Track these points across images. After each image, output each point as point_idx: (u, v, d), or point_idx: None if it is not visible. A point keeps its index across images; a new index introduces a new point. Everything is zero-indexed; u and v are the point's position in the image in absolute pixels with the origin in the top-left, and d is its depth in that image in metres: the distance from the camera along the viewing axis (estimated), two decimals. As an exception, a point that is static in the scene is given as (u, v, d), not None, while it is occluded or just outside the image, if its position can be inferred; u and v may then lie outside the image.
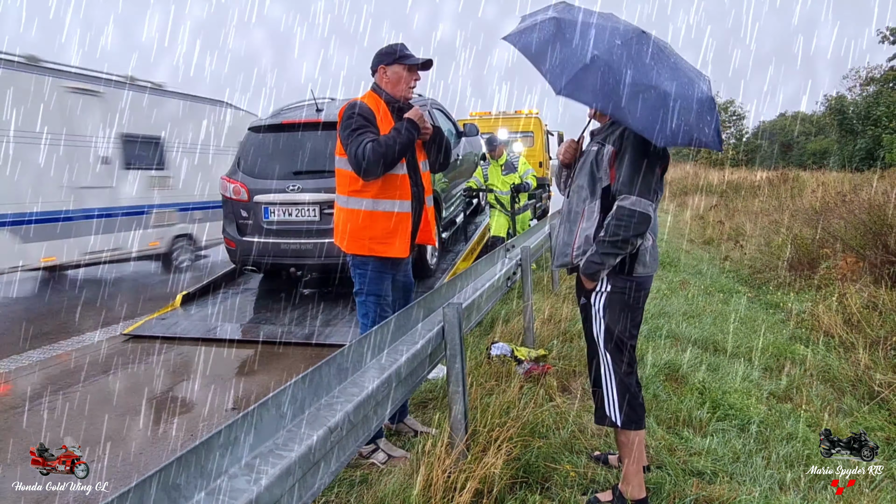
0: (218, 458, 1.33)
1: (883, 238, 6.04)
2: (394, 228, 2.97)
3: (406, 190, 2.98)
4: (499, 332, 4.63)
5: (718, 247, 10.13)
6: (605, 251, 2.31)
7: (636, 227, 2.25)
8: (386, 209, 2.95)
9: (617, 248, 2.29)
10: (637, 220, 2.25)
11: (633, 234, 2.26)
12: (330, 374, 1.86)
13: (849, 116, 28.94)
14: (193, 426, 3.54)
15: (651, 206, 2.27)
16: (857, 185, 10.43)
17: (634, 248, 2.33)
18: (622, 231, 2.26)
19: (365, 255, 2.98)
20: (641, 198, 2.25)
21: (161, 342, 5.00)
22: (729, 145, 40.27)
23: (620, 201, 2.28)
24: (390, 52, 2.99)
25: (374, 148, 2.78)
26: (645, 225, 2.26)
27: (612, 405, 2.47)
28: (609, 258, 2.32)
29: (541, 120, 12.69)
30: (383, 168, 2.84)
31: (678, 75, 2.23)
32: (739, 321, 5.37)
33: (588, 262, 2.37)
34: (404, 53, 2.99)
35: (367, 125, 2.87)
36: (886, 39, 29.81)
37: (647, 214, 2.25)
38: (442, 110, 7.16)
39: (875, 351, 4.29)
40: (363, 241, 2.97)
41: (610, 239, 2.29)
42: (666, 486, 2.61)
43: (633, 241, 2.29)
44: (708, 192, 19.10)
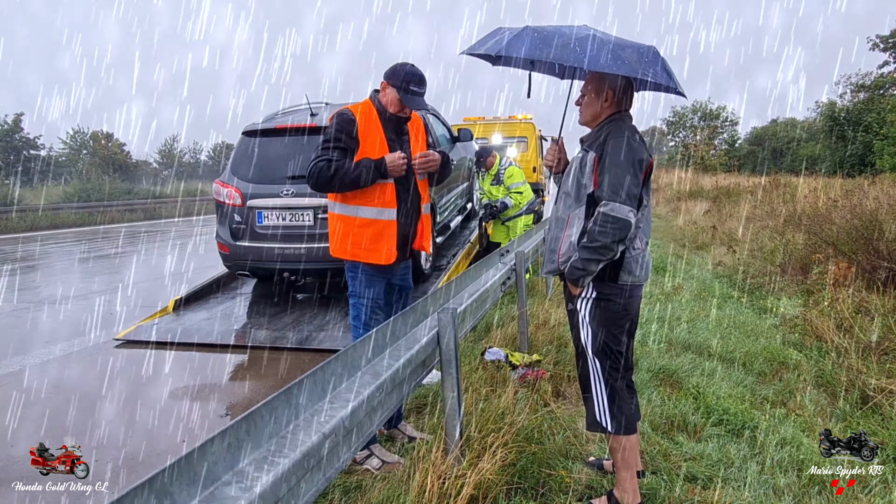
0: (211, 465, 1.31)
1: (874, 243, 6.07)
2: (376, 235, 2.96)
3: (390, 197, 2.97)
4: (493, 337, 4.62)
5: (711, 252, 10.17)
6: (587, 257, 2.32)
7: (616, 234, 2.26)
8: (367, 216, 2.96)
9: (598, 253, 2.30)
10: (617, 226, 2.25)
11: (612, 241, 2.27)
12: (324, 380, 1.85)
13: (840, 123, 29.17)
14: (186, 432, 3.51)
15: (631, 213, 2.27)
16: (848, 190, 10.51)
17: (616, 254, 2.33)
18: (602, 237, 2.27)
19: (351, 259, 3.01)
20: (622, 204, 2.26)
21: (153, 347, 4.96)
22: (721, 150, 40.51)
23: (601, 207, 2.29)
24: (396, 75, 2.94)
25: (322, 171, 2.82)
26: (625, 231, 2.26)
27: (603, 411, 2.48)
28: (591, 264, 2.33)
29: (534, 125, 12.73)
30: (331, 190, 2.89)
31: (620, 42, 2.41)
32: (733, 326, 5.39)
33: (571, 268, 2.38)
34: (407, 88, 2.93)
35: (338, 139, 2.87)
36: (877, 47, 30.13)
37: (626, 220, 2.25)
38: (436, 115, 7.17)
39: (867, 356, 4.31)
40: (346, 246, 2.99)
41: (591, 245, 2.30)
42: (660, 492, 2.61)
43: (614, 248, 2.30)
44: (700, 198, 19.20)
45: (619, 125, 2.42)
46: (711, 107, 42.03)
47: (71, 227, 17.20)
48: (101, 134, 42.28)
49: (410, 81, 2.91)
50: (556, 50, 2.32)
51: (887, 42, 29.69)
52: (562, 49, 2.32)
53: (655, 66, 2.36)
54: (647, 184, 2.41)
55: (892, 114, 23.71)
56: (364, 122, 2.93)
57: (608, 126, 2.44)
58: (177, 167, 47.16)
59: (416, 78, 2.92)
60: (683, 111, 43.03)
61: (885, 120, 24.51)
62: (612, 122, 2.45)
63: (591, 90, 2.50)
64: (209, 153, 55.11)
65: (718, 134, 41.68)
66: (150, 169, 45.87)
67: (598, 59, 2.26)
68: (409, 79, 2.91)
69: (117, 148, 41.94)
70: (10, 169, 30.73)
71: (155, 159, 50.32)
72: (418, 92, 2.94)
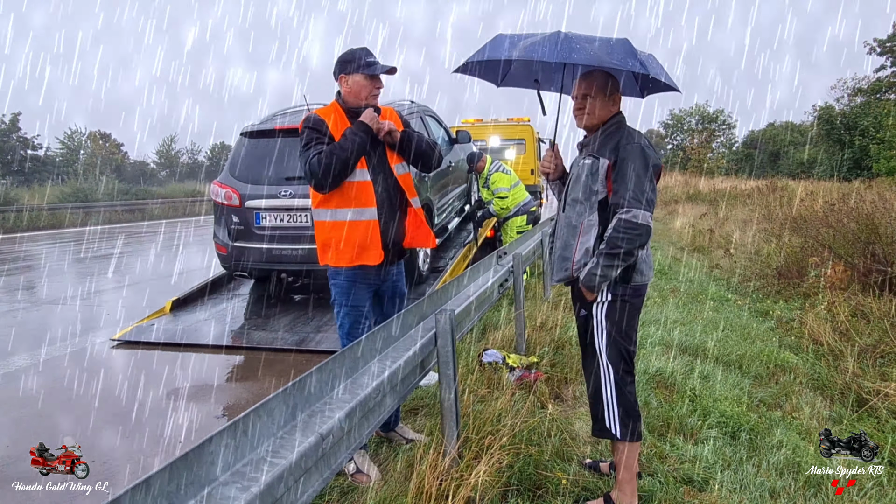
0: (209, 466, 1.31)
1: (871, 247, 6.09)
2: (358, 237, 2.87)
3: (367, 196, 2.87)
4: (490, 339, 4.63)
5: (708, 255, 10.19)
6: (608, 263, 2.33)
7: (639, 239, 2.29)
8: (346, 218, 2.87)
9: (620, 259, 2.32)
10: (640, 231, 2.28)
11: (635, 246, 2.30)
12: (321, 381, 1.85)
13: (836, 126, 29.28)
14: (183, 433, 3.50)
15: (651, 218, 2.31)
16: (845, 194, 10.53)
17: (635, 259, 2.35)
18: (625, 243, 2.28)
19: (334, 266, 2.92)
20: (644, 210, 2.28)
21: (150, 348, 4.95)
22: (719, 154, 40.63)
23: (622, 214, 2.29)
24: (349, 60, 2.84)
25: (320, 159, 2.75)
26: (647, 236, 2.30)
27: (613, 418, 2.47)
28: (611, 270, 2.34)
29: (532, 127, 12.74)
30: (336, 176, 2.78)
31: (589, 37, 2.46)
32: (729, 329, 5.40)
33: (589, 275, 2.38)
34: (366, 62, 2.82)
35: (317, 136, 2.82)
36: (874, 51, 30.26)
37: (648, 226, 2.29)
38: (434, 117, 7.18)
39: (863, 359, 4.32)
40: (327, 250, 2.92)
41: (612, 252, 2.31)
42: (657, 494, 2.61)
43: (635, 253, 2.32)
44: (697, 201, 19.24)
45: (625, 129, 2.44)
46: (709, 110, 42.19)
47: (68, 228, 17.16)
48: (98, 134, 42.23)
49: (362, 57, 2.83)
50: (564, 52, 2.35)
51: (884, 46, 29.83)
52: (574, 52, 2.35)
53: (649, 60, 2.45)
54: (655, 188, 2.43)
55: (888, 118, 23.80)
56: (333, 121, 2.88)
57: (613, 130, 2.45)
58: (176, 167, 47.07)
59: (364, 51, 2.85)
60: (681, 114, 43.18)
61: (882, 124, 24.59)
62: (615, 126, 2.46)
63: (595, 93, 2.48)
64: (206, 154, 55.08)
65: (716, 137, 41.82)
66: (147, 169, 45.80)
67: (610, 57, 2.33)
68: (359, 56, 2.83)
69: (115, 148, 41.87)
70: (6, 169, 30.66)
71: (153, 160, 50.29)
72: (374, 61, 2.85)
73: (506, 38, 2.58)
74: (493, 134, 12.33)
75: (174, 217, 21.51)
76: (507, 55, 2.50)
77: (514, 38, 2.56)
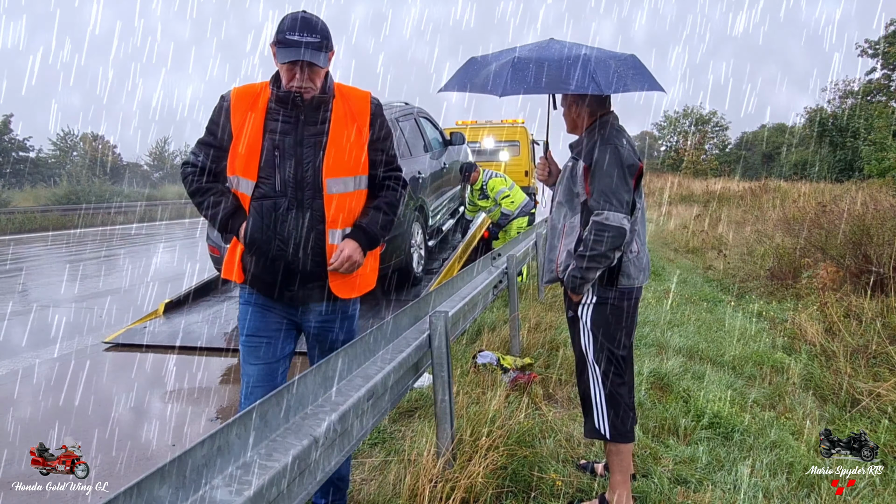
0: (200, 469, 1.30)
1: (862, 248, 6.13)
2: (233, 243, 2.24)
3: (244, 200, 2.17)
4: (485, 340, 4.62)
5: (702, 256, 10.24)
6: (584, 265, 2.33)
7: (611, 241, 2.28)
8: None
9: (595, 262, 2.32)
10: (611, 234, 2.27)
11: (608, 248, 2.29)
12: (315, 384, 1.84)
13: (828, 128, 29.45)
14: (175, 436, 3.48)
15: (625, 219, 2.29)
16: (836, 195, 10.61)
17: (613, 261, 2.35)
18: (598, 246, 2.29)
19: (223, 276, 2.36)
20: (615, 212, 2.27)
21: (142, 350, 4.93)
22: (712, 156, 40.80)
23: (594, 216, 2.30)
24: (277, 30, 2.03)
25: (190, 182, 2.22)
26: (620, 239, 2.28)
27: (602, 419, 2.48)
28: (589, 272, 2.34)
29: (527, 129, 12.76)
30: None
31: (584, 47, 2.49)
32: (723, 330, 5.42)
33: (570, 277, 2.40)
34: (282, 38, 1.99)
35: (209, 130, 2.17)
36: (865, 53, 30.47)
37: (621, 228, 2.27)
38: (428, 118, 7.18)
39: (855, 359, 4.35)
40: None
41: (588, 254, 2.31)
42: (651, 495, 2.62)
43: (610, 255, 2.32)
44: (691, 202, 19.32)
45: (605, 130, 2.42)
46: (702, 111, 42.38)
47: (60, 230, 17.06)
48: (91, 135, 42.00)
49: (286, 30, 1.98)
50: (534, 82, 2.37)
51: (875, 48, 30.04)
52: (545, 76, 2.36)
53: (640, 73, 2.45)
54: (638, 188, 2.43)
55: (879, 119, 23.96)
56: (242, 104, 2.10)
57: (595, 132, 2.45)
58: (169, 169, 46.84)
59: (295, 22, 1.98)
60: (675, 116, 43.36)
61: (873, 126, 24.76)
62: (597, 127, 2.46)
63: (572, 101, 2.53)
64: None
65: (709, 139, 42.02)
66: (140, 171, 45.55)
67: (569, 82, 2.32)
68: (283, 27, 2.00)
69: (107, 150, 41.64)
70: (-1, 171, 30.46)
71: (146, 161, 50.02)
72: (295, 41, 1.97)
73: (476, 61, 2.63)
74: (488, 135, 12.35)
75: (168, 219, 21.42)
76: (471, 86, 2.53)
77: (485, 58, 2.61)
